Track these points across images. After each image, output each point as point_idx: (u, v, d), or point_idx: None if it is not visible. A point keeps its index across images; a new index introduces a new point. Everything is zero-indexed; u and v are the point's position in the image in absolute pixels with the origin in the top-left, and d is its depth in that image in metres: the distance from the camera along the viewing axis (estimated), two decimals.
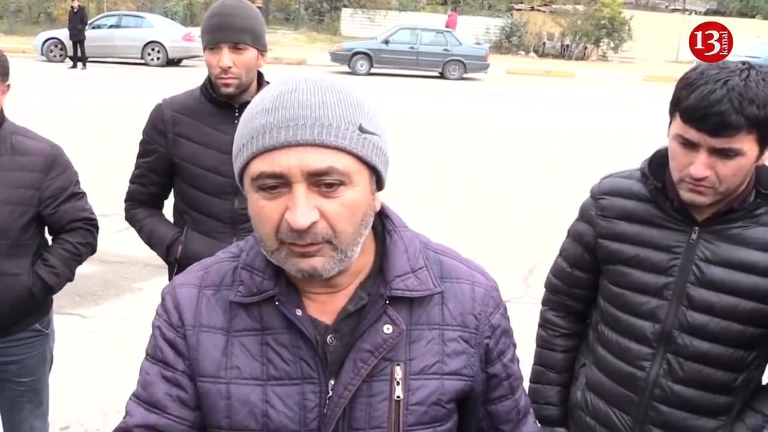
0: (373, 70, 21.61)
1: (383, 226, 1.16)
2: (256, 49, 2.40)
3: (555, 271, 1.99)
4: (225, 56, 2.33)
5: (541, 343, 2.00)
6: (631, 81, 23.75)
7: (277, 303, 1.09)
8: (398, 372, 1.10)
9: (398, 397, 1.09)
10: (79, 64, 19.75)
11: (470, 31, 29.05)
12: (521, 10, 32.51)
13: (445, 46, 21.72)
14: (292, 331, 1.08)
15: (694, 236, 1.66)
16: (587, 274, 1.88)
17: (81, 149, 6.63)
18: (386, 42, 21.86)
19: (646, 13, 32.84)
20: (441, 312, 1.15)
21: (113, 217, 2.61)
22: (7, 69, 2.32)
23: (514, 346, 1.26)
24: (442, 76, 21.64)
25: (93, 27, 21.15)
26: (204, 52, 2.41)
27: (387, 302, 1.10)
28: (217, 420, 1.10)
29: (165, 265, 2.63)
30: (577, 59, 30.04)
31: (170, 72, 19.23)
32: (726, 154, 1.53)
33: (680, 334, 1.68)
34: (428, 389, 1.11)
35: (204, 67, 2.46)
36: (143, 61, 21.16)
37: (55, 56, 21.27)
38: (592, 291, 1.89)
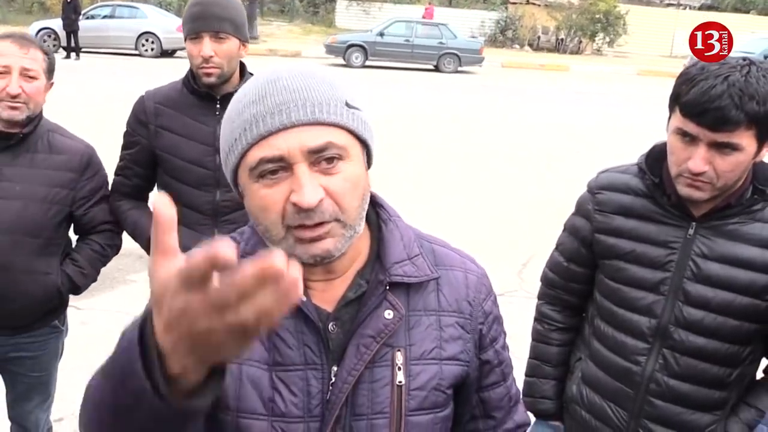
0: (368, 63, 21.56)
1: (378, 215, 1.17)
2: (238, 39, 2.39)
3: (551, 265, 1.99)
4: (206, 46, 2.32)
5: (537, 337, 2.01)
6: (626, 75, 23.76)
7: None
8: (399, 357, 1.11)
9: (400, 382, 1.11)
10: (73, 55, 19.62)
11: (465, 25, 28.98)
12: (516, 4, 32.45)
13: (440, 40, 21.68)
14: (297, 317, 1.08)
15: (691, 232, 1.67)
16: (583, 269, 1.88)
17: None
18: (381, 34, 21.81)
19: (641, 8, 32.80)
20: (437, 298, 1.17)
21: None
22: (54, 67, 2.38)
23: (505, 334, 1.28)
24: (437, 69, 21.61)
25: (87, 17, 21.01)
26: (185, 43, 2.40)
27: (387, 288, 1.11)
28: (227, 401, 1.08)
29: None
30: (572, 53, 30.05)
31: (164, 63, 19.13)
32: (725, 149, 1.53)
33: (676, 330, 1.68)
34: (428, 374, 1.13)
35: None
36: (137, 52, 21.04)
37: (49, 46, 20.94)
38: (589, 285, 1.90)
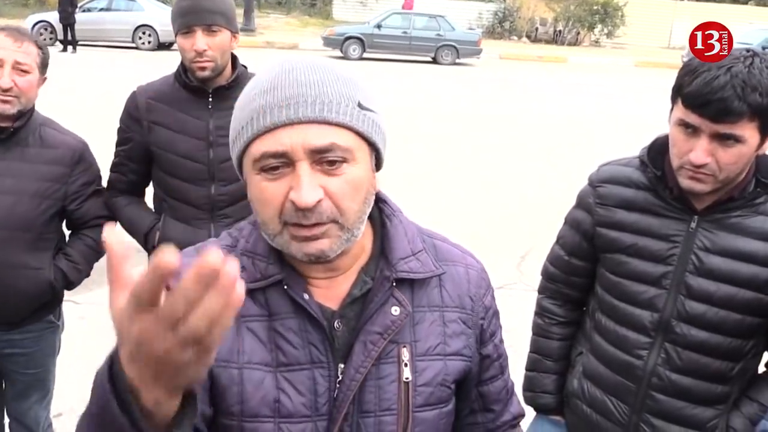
0: (366, 55, 21.49)
1: (380, 210, 1.16)
2: (230, 31, 2.38)
3: (552, 259, 1.98)
4: (199, 39, 2.30)
5: (538, 331, 2.00)
6: (623, 66, 23.72)
7: (286, 287, 1.07)
8: (405, 354, 1.11)
9: (407, 379, 1.10)
10: (69, 48, 19.52)
11: (463, 16, 28.90)
12: None
13: (438, 31, 21.62)
14: (300, 316, 1.07)
15: (694, 225, 1.66)
16: (585, 262, 1.87)
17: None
18: (379, 27, 21.73)
19: None
20: (440, 294, 1.16)
21: None
22: (47, 62, 2.33)
23: (501, 328, 1.28)
24: (435, 61, 21.55)
25: (83, 10, 20.90)
26: (176, 38, 2.38)
27: (393, 284, 1.10)
28: (230, 406, 1.07)
29: None
30: (570, 45, 29.96)
31: (161, 56, 19.04)
32: (727, 141, 1.52)
33: (678, 324, 1.67)
34: (434, 370, 1.13)
35: None
36: (134, 45, 20.96)
37: (45, 39, 20.81)
38: (590, 279, 1.89)
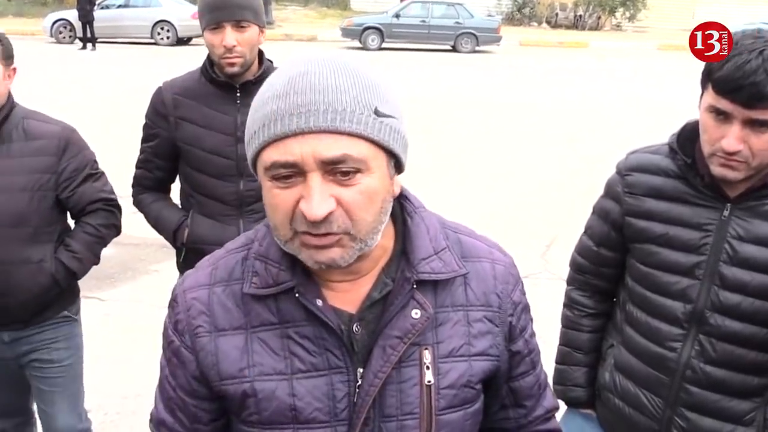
0: (385, 45, 21.44)
1: (402, 208, 1.13)
2: (258, 26, 2.35)
3: (580, 250, 1.94)
4: (228, 35, 2.27)
5: (567, 324, 1.96)
6: (646, 50, 23.42)
7: (297, 295, 1.05)
8: (427, 356, 1.08)
9: (429, 382, 1.08)
10: (89, 45, 19.69)
11: (482, 3, 28.66)
12: None
13: (457, 19, 21.50)
14: (314, 323, 1.05)
15: (726, 213, 1.61)
16: (614, 253, 1.83)
17: (94, 130, 6.61)
18: (397, 16, 21.66)
19: None
20: (465, 293, 1.13)
21: (127, 199, 2.58)
22: (11, 51, 2.25)
23: (532, 321, 1.25)
24: (454, 50, 21.45)
25: (102, 7, 21.07)
26: (204, 33, 2.35)
27: (414, 286, 1.07)
28: (247, 417, 1.08)
29: None
30: (591, 29, 29.64)
31: (180, 51, 19.15)
32: (760, 127, 1.47)
33: (712, 314, 1.63)
34: (458, 372, 1.10)
35: None
36: (153, 41, 21.07)
37: (65, 38, 21.21)
38: (619, 269, 1.85)
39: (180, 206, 2.57)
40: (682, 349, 1.67)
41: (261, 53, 2.43)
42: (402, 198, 1.12)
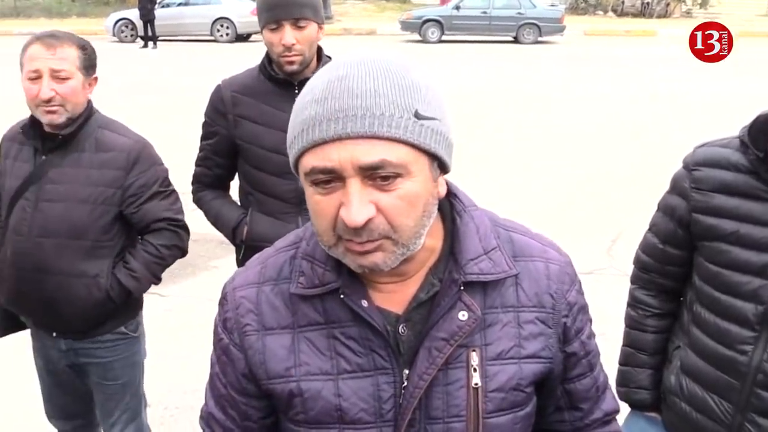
0: (445, 38, 21.32)
1: (451, 206, 1.10)
2: (316, 23, 2.34)
3: (645, 248, 1.87)
4: (288, 33, 2.27)
5: (631, 324, 1.89)
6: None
7: (342, 296, 1.05)
8: (474, 358, 1.07)
9: (476, 384, 1.06)
10: (150, 44, 20.19)
11: None
12: None
13: (519, 10, 21.21)
14: (360, 324, 1.05)
15: None
16: (680, 251, 1.76)
17: (158, 128, 6.78)
18: (457, 8, 21.50)
19: None
20: (516, 293, 1.10)
21: (188, 195, 2.61)
22: (94, 61, 2.27)
23: (591, 322, 1.21)
24: (516, 41, 21.16)
25: (162, 6, 21.60)
26: (263, 31, 2.34)
27: (461, 288, 1.05)
28: (294, 415, 1.09)
29: None
30: (659, 17, 28.83)
31: (240, 47, 19.44)
32: None
33: None
34: (506, 374, 1.08)
35: None
36: (213, 38, 21.45)
37: (127, 37, 21.79)
38: (686, 268, 1.77)
39: (239, 204, 2.58)
40: (754, 352, 1.59)
41: (320, 49, 2.42)
42: (451, 196, 1.10)
